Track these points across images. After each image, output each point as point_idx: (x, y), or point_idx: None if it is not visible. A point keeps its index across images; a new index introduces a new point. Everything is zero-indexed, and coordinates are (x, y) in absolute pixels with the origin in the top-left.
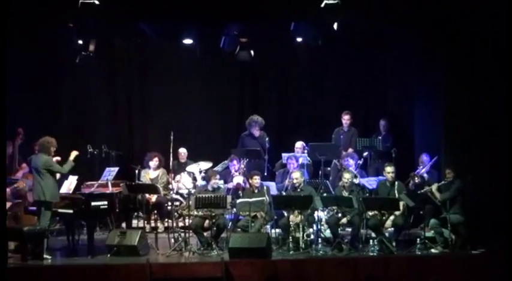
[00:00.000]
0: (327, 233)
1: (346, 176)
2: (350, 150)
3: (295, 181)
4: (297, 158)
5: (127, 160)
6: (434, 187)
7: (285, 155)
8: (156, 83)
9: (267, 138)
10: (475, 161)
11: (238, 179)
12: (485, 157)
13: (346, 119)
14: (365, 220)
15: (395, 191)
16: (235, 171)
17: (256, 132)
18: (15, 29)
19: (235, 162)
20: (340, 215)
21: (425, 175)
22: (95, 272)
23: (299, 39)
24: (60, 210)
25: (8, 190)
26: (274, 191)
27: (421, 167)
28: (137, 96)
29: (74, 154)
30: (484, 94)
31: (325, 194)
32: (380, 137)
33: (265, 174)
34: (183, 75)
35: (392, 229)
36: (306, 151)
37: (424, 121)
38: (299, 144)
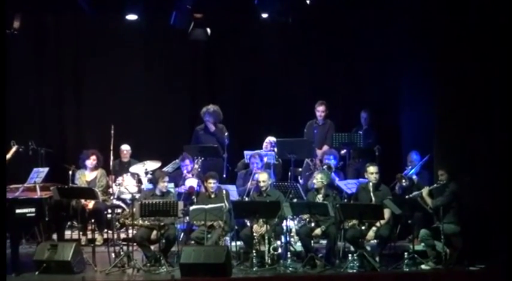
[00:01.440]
0: (298, 246)
1: (319, 178)
2: (325, 147)
3: (260, 184)
4: (262, 156)
5: (59, 159)
6: (425, 191)
7: (247, 153)
8: (93, 68)
9: (226, 133)
10: (473, 160)
11: (191, 181)
12: (484, 156)
13: (320, 110)
14: (343, 230)
15: (379, 197)
16: (188, 172)
17: (213, 125)
18: None
19: (187, 161)
20: (313, 224)
21: (414, 177)
22: None
23: (265, 15)
24: None
25: None
26: (234, 196)
27: (410, 167)
28: (71, 83)
29: None
30: (483, 83)
31: (295, 200)
32: (361, 132)
33: (224, 176)
34: (126, 58)
35: (375, 241)
36: (273, 149)
37: (412, 113)
38: (267, 140)
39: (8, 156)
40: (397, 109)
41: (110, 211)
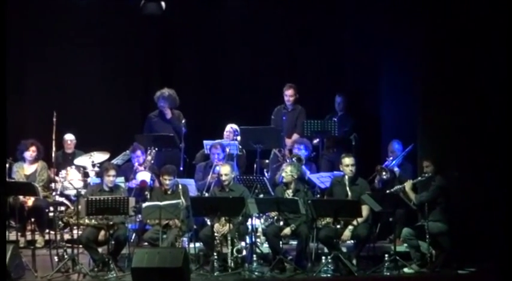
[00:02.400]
0: (265, 247)
1: (288, 170)
2: (295, 136)
3: (221, 178)
4: (224, 146)
5: None
6: (408, 185)
7: (207, 143)
8: (32, 47)
9: (183, 121)
10: (462, 150)
11: (143, 175)
12: (475, 146)
13: (288, 94)
14: (315, 230)
15: (356, 191)
16: (140, 164)
17: (168, 112)
18: None
19: (139, 152)
20: (281, 223)
21: (396, 169)
22: None
23: None
24: None
25: None
26: (193, 191)
27: (391, 158)
28: (8, 65)
29: None
30: (473, 65)
31: (261, 196)
32: (335, 119)
33: (181, 168)
34: (70, 37)
35: (352, 241)
36: (236, 138)
37: (394, 98)
38: (228, 128)
39: None
40: (376, 93)
41: (52, 208)
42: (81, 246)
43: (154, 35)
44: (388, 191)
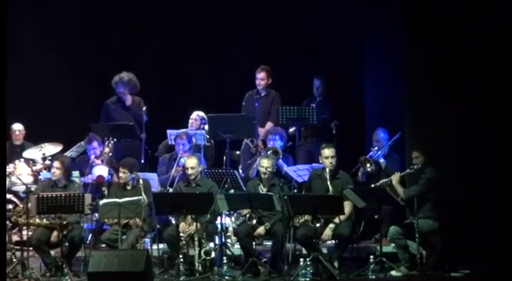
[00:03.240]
0: (236, 249)
1: (265, 164)
2: (269, 125)
3: (187, 172)
4: (190, 136)
5: None
6: (395, 179)
7: (171, 133)
8: None
9: (144, 108)
10: (455, 139)
11: (100, 169)
12: (469, 134)
13: (261, 77)
14: (292, 229)
15: (338, 186)
16: (96, 157)
17: (128, 98)
18: None
19: (95, 144)
20: (255, 222)
21: (381, 161)
22: None
23: None
24: None
25: None
26: (155, 186)
27: (376, 148)
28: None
29: None
30: (465, 44)
31: (232, 191)
32: (314, 105)
33: (142, 161)
34: (17, 19)
35: (334, 242)
36: (203, 127)
37: (379, 81)
38: (194, 115)
39: None
40: (359, 75)
41: None
42: (31, 248)
43: (112, 13)
44: (373, 185)
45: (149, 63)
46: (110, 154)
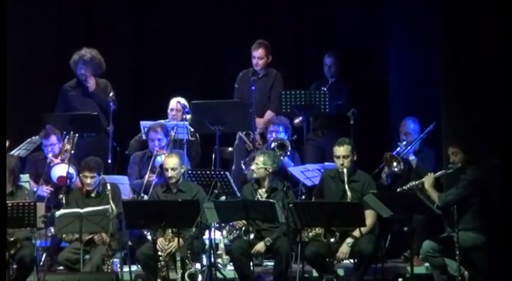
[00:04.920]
0: (229, 271)
1: (261, 161)
2: (269, 114)
3: (167, 174)
4: (168, 129)
5: None
6: (428, 181)
7: (145, 125)
8: None
9: (111, 93)
10: (503, 130)
11: (61, 169)
12: None
13: (258, 55)
14: (300, 245)
15: (357, 190)
16: (55, 155)
17: (91, 81)
18: None
19: (54, 139)
20: (252, 236)
21: (411, 158)
22: None
23: None
24: None
25: None
26: (127, 193)
27: (405, 143)
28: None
29: None
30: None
31: (223, 198)
32: (325, 89)
33: (110, 161)
34: None
35: (352, 261)
36: (185, 117)
37: (407, 58)
38: (174, 103)
39: None
40: (382, 52)
41: None
42: None
43: None
44: (399, 190)
45: (118, 39)
46: (72, 152)
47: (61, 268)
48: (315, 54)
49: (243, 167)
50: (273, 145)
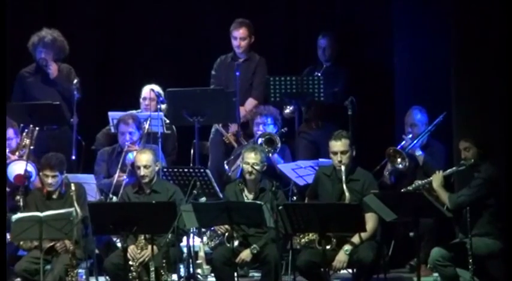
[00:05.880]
0: None
1: (251, 159)
2: (251, 102)
3: (138, 172)
4: (140, 120)
5: None
6: (437, 179)
7: (113, 116)
8: None
9: (75, 81)
10: None
11: (16, 167)
12: None
13: (240, 35)
14: (291, 252)
15: (356, 190)
16: (12, 151)
17: (53, 67)
18: None
19: (11, 132)
20: (236, 243)
21: (418, 153)
22: None
23: None
24: None
25: None
26: (93, 194)
27: (410, 136)
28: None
29: None
30: None
31: (203, 199)
32: (319, 74)
33: (74, 157)
34: None
35: (351, 271)
36: (159, 107)
37: (414, 40)
38: (147, 91)
39: None
40: (386, 32)
41: None
42: None
43: None
44: (405, 190)
45: (83, 17)
46: (32, 148)
47: (18, 280)
48: (306, 35)
49: (226, 167)
50: (260, 140)
